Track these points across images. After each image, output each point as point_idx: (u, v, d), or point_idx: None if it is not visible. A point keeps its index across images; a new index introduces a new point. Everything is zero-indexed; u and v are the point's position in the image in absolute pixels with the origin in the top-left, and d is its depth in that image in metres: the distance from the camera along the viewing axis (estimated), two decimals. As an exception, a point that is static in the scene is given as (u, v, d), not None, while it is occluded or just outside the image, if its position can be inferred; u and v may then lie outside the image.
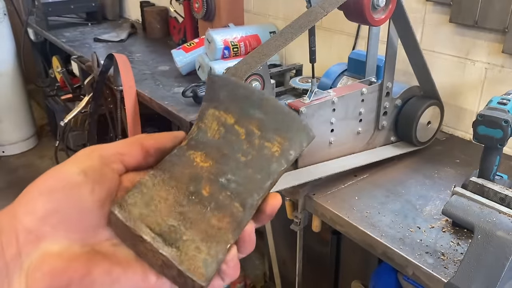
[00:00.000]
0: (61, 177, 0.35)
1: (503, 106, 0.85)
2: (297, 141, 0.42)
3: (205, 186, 0.40)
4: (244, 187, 0.40)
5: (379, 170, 1.15)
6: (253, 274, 2.29)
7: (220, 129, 0.42)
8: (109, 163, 0.38)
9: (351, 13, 1.04)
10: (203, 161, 0.41)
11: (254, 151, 0.42)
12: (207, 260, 0.37)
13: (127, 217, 0.36)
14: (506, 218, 0.72)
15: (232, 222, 0.40)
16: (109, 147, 0.39)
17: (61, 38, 2.47)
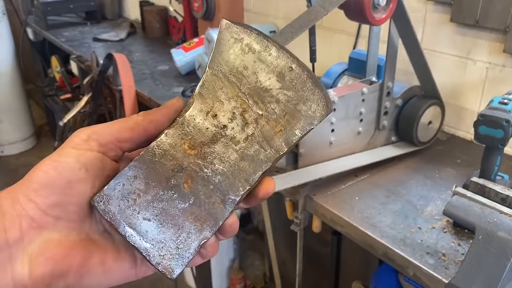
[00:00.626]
0: (63, 172, 0.35)
1: (504, 106, 0.85)
2: (308, 117, 0.40)
3: (187, 180, 0.39)
4: (229, 181, 0.39)
5: (379, 170, 1.15)
6: (253, 274, 2.28)
7: (217, 105, 0.40)
8: (108, 151, 0.38)
9: (352, 12, 1.03)
10: (190, 147, 0.39)
11: (250, 136, 0.40)
12: (177, 256, 0.38)
13: (104, 211, 0.37)
14: (507, 219, 0.72)
15: (210, 219, 0.39)
16: (107, 131, 0.38)
17: (60, 37, 2.47)
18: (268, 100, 0.40)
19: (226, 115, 0.40)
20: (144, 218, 0.38)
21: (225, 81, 0.40)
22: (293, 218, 1.12)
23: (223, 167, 0.39)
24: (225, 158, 0.40)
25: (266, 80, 0.41)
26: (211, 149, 0.40)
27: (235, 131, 0.40)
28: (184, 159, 0.39)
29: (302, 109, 0.41)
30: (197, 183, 0.39)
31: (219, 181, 0.39)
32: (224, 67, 0.41)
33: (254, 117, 0.40)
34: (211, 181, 0.39)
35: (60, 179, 0.35)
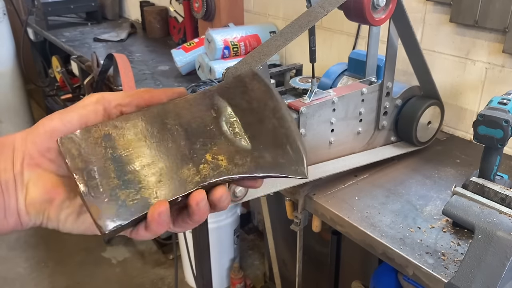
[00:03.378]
0: (66, 124, 0.41)
1: (504, 106, 0.85)
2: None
3: (133, 162, 0.41)
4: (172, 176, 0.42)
5: (379, 170, 1.15)
6: (253, 274, 2.28)
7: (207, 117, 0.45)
8: (110, 114, 0.43)
9: (351, 12, 1.04)
10: (144, 138, 0.42)
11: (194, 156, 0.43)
12: (115, 215, 0.39)
13: (67, 153, 0.40)
14: (506, 218, 0.72)
15: (156, 192, 0.41)
16: (113, 97, 0.44)
17: (60, 38, 2.47)
18: (250, 133, 0.45)
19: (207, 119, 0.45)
20: (97, 168, 0.40)
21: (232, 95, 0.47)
22: (293, 218, 1.12)
23: (151, 167, 0.42)
24: (163, 159, 0.43)
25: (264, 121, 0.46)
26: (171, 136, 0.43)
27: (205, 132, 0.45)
28: (136, 141, 0.42)
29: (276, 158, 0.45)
30: (140, 166, 0.41)
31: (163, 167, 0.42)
32: (234, 93, 0.47)
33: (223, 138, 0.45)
34: (157, 165, 0.42)
35: (62, 129, 0.41)
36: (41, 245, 2.50)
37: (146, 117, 0.43)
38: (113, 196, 0.39)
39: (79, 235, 2.46)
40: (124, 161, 0.41)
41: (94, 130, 0.41)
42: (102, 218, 0.38)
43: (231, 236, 2.11)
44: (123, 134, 0.42)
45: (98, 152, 0.40)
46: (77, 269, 2.34)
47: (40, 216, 0.42)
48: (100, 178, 0.40)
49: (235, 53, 1.75)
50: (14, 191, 0.40)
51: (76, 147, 0.40)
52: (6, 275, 2.32)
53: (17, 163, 0.40)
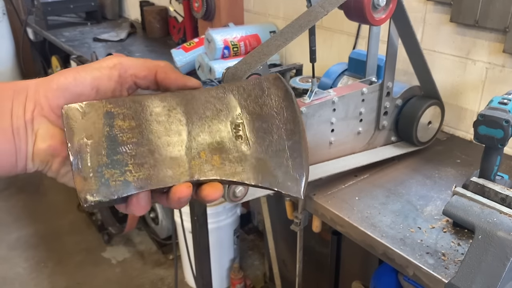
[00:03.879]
0: (79, 84, 0.42)
1: (504, 106, 0.85)
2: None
3: (126, 144, 0.41)
4: (149, 168, 0.41)
5: (379, 170, 1.15)
6: (253, 274, 2.28)
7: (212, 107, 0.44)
8: (124, 83, 0.43)
9: (352, 12, 1.03)
10: (144, 123, 0.42)
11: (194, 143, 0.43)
12: (95, 190, 0.39)
13: (67, 123, 0.40)
14: (507, 219, 0.72)
15: (148, 178, 0.41)
16: (130, 65, 0.43)
17: (60, 37, 2.47)
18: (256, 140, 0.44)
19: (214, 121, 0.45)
20: (91, 143, 0.40)
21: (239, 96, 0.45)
22: (293, 218, 1.12)
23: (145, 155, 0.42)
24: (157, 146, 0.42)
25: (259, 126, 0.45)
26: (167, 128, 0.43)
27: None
28: (137, 126, 0.42)
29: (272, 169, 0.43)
30: (133, 146, 0.41)
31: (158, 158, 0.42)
32: (249, 95, 0.45)
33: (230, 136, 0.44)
34: (155, 152, 0.42)
35: (74, 89, 0.42)
36: (41, 245, 2.50)
37: (152, 103, 0.42)
38: (98, 173, 0.40)
39: (79, 236, 2.46)
40: (118, 141, 0.41)
41: (98, 105, 0.41)
42: (83, 191, 0.39)
43: (231, 236, 2.11)
44: (125, 115, 0.42)
45: (96, 128, 0.41)
46: (77, 269, 2.34)
47: (43, 165, 0.43)
48: (91, 153, 0.40)
49: (235, 53, 1.75)
50: (25, 138, 0.41)
51: (76, 118, 0.40)
52: (6, 275, 2.32)
53: (28, 111, 0.41)
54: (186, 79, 0.45)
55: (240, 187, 0.95)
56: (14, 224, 2.66)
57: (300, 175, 0.42)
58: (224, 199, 0.95)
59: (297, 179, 0.42)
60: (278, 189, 0.42)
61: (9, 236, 2.57)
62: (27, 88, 0.42)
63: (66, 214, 2.72)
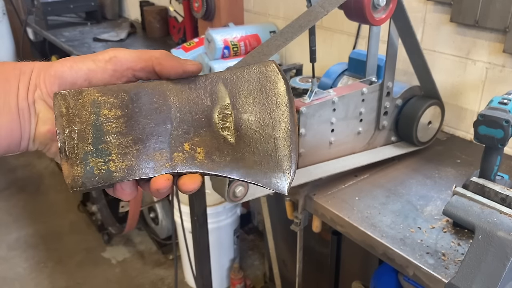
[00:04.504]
0: (74, 74, 0.43)
1: (504, 106, 0.85)
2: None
3: (110, 134, 0.41)
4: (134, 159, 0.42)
5: (379, 170, 1.15)
6: (253, 274, 2.28)
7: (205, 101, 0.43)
8: (120, 77, 0.44)
9: (352, 12, 1.03)
10: (130, 113, 0.42)
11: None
12: (81, 176, 0.40)
13: (56, 109, 0.41)
14: (507, 219, 0.72)
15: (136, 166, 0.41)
16: (126, 59, 0.43)
17: (60, 37, 2.47)
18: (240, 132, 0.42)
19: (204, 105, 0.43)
20: (78, 131, 0.41)
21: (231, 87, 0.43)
22: (293, 218, 1.12)
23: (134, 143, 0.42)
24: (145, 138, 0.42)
25: (253, 117, 0.42)
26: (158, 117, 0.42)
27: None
28: (124, 117, 0.42)
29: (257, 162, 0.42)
30: (119, 137, 0.41)
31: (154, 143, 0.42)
32: (241, 85, 0.43)
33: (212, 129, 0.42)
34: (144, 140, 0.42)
35: (68, 77, 0.43)
36: (41, 245, 2.50)
37: (137, 92, 0.42)
38: (84, 161, 0.41)
39: (79, 236, 2.45)
40: (103, 130, 0.41)
41: (85, 93, 0.41)
42: (69, 177, 0.40)
43: (231, 236, 2.11)
44: (112, 104, 0.41)
45: (83, 116, 0.41)
46: (77, 269, 2.34)
47: (42, 147, 0.45)
48: (78, 140, 0.41)
49: (235, 53, 1.75)
50: (28, 119, 0.42)
51: (65, 105, 0.41)
52: (6, 275, 2.32)
53: (30, 93, 0.42)
54: (184, 66, 0.43)
55: (240, 187, 0.95)
56: (14, 224, 2.66)
57: (286, 172, 0.41)
58: (224, 199, 0.95)
59: (283, 176, 0.41)
60: (262, 185, 0.41)
61: (9, 236, 2.57)
62: (31, 70, 0.44)
63: (66, 214, 2.72)
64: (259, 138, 0.42)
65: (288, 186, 0.41)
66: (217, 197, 1.91)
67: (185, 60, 0.44)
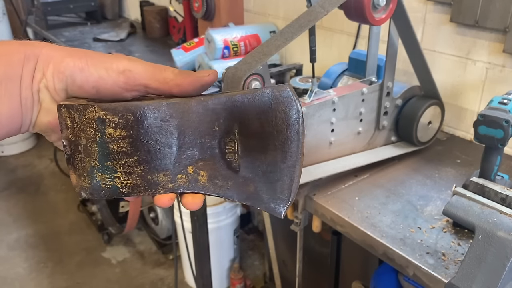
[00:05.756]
0: (83, 77, 0.41)
1: (504, 106, 0.85)
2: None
3: (116, 153, 0.41)
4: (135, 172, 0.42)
5: (379, 170, 1.15)
6: (253, 274, 2.28)
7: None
8: (131, 90, 0.42)
9: (352, 12, 1.03)
10: (136, 133, 0.41)
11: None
12: (88, 188, 0.41)
13: (61, 121, 0.41)
14: (507, 219, 0.72)
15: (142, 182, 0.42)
16: (141, 75, 0.42)
17: (60, 37, 2.47)
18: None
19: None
20: (83, 146, 0.41)
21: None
22: (293, 218, 1.12)
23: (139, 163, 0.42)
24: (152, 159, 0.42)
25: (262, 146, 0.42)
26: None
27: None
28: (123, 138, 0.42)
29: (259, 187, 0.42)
30: (124, 156, 0.42)
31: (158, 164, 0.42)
32: (251, 110, 0.42)
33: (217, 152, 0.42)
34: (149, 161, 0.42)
35: (77, 79, 0.41)
36: (40, 245, 2.50)
37: (145, 113, 0.41)
38: (90, 174, 0.41)
39: (79, 236, 2.45)
40: (109, 149, 0.41)
41: (90, 109, 0.41)
42: (78, 187, 0.41)
43: (231, 237, 2.11)
44: (117, 124, 0.41)
45: (88, 132, 0.41)
46: (77, 269, 2.34)
47: (42, 133, 0.45)
48: (84, 155, 0.41)
49: (235, 53, 1.75)
50: (31, 107, 0.42)
51: (70, 119, 0.41)
52: (6, 275, 2.32)
53: (35, 81, 0.41)
54: (201, 80, 0.42)
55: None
56: (14, 224, 2.66)
57: (286, 199, 0.42)
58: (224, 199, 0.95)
59: (282, 202, 0.42)
60: (259, 208, 0.42)
61: (9, 236, 2.57)
62: (38, 56, 0.41)
63: (66, 214, 2.72)
64: (264, 166, 0.41)
65: (285, 211, 0.42)
66: (217, 197, 1.91)
67: (201, 73, 0.42)
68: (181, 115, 0.41)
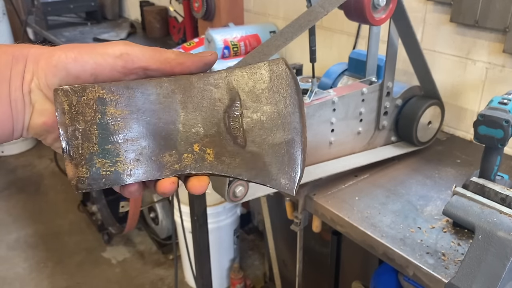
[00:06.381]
0: (78, 67, 0.40)
1: (504, 106, 0.85)
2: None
3: (118, 134, 0.40)
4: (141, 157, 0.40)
5: (379, 170, 1.15)
6: (253, 274, 2.28)
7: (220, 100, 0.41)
8: (129, 74, 0.41)
9: (352, 12, 1.03)
10: (137, 111, 0.40)
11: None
12: (86, 178, 0.39)
13: (58, 106, 0.39)
14: (506, 218, 0.72)
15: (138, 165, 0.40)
16: (139, 57, 0.40)
17: (60, 37, 2.47)
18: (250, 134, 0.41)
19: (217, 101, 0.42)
20: (82, 130, 0.39)
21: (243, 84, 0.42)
22: (293, 218, 1.12)
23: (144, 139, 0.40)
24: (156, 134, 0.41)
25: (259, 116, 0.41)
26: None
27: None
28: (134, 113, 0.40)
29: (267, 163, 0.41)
30: (120, 138, 0.40)
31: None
32: (251, 84, 0.42)
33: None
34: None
35: (72, 70, 0.40)
36: (40, 245, 2.50)
37: (145, 90, 0.40)
38: (89, 161, 0.39)
39: (79, 236, 2.44)
40: (110, 129, 0.39)
41: (89, 89, 0.39)
42: (74, 178, 0.39)
43: (231, 236, 2.11)
44: (118, 102, 0.39)
45: (88, 114, 0.39)
46: (77, 269, 2.34)
47: (37, 136, 0.43)
48: (82, 140, 0.39)
49: (235, 53, 1.75)
50: (22, 109, 0.40)
51: (68, 102, 0.39)
52: (6, 275, 2.32)
53: (26, 82, 0.40)
54: (204, 59, 0.42)
55: (240, 187, 0.95)
56: (14, 224, 2.66)
57: (295, 173, 0.40)
58: (224, 199, 0.95)
59: (292, 176, 0.40)
60: (270, 186, 0.41)
61: (9, 236, 2.57)
62: (27, 57, 0.40)
63: (66, 214, 2.72)
64: (268, 139, 0.41)
65: (296, 187, 0.41)
66: (217, 197, 1.91)
67: (202, 53, 0.43)
68: (184, 90, 0.41)
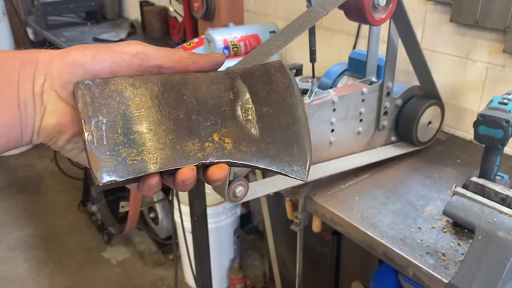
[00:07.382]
0: (96, 65, 0.40)
1: (504, 106, 0.85)
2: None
3: (142, 124, 0.41)
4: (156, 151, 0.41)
5: (379, 170, 1.15)
6: (253, 274, 2.28)
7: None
8: (145, 72, 0.42)
9: (352, 12, 1.04)
10: (158, 103, 0.42)
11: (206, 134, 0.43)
12: (111, 169, 0.38)
13: (81, 99, 0.39)
14: (507, 219, 0.72)
15: (159, 157, 0.41)
16: (154, 56, 0.42)
17: (60, 37, 2.47)
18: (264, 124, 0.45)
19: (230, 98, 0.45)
20: (106, 121, 0.40)
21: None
22: (293, 218, 1.12)
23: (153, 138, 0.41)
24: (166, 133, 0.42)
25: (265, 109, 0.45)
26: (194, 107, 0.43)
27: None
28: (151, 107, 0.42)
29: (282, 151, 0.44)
30: (141, 128, 0.41)
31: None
32: (256, 81, 0.47)
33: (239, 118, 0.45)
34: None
35: (90, 68, 0.40)
36: (40, 245, 2.50)
37: (165, 83, 0.43)
38: (115, 151, 0.39)
39: (79, 236, 2.45)
40: (134, 120, 0.41)
41: (112, 82, 0.41)
42: (99, 170, 0.38)
43: (231, 237, 2.11)
44: (139, 94, 0.41)
45: (111, 105, 0.40)
46: (77, 269, 2.34)
47: (48, 140, 0.42)
48: (107, 131, 0.39)
49: (235, 53, 1.75)
50: (32, 112, 0.40)
51: (90, 95, 0.40)
52: (6, 275, 2.32)
53: (37, 84, 0.40)
54: (215, 59, 0.45)
55: (240, 187, 0.95)
56: (14, 224, 2.66)
57: (305, 160, 0.44)
58: (224, 199, 0.95)
59: (302, 164, 0.44)
60: (285, 173, 0.44)
61: (9, 236, 2.57)
62: (37, 60, 0.40)
63: (66, 214, 2.72)
64: (279, 130, 0.45)
65: (307, 173, 0.44)
66: (217, 197, 1.91)
67: (213, 54, 0.46)
68: (199, 86, 0.44)
